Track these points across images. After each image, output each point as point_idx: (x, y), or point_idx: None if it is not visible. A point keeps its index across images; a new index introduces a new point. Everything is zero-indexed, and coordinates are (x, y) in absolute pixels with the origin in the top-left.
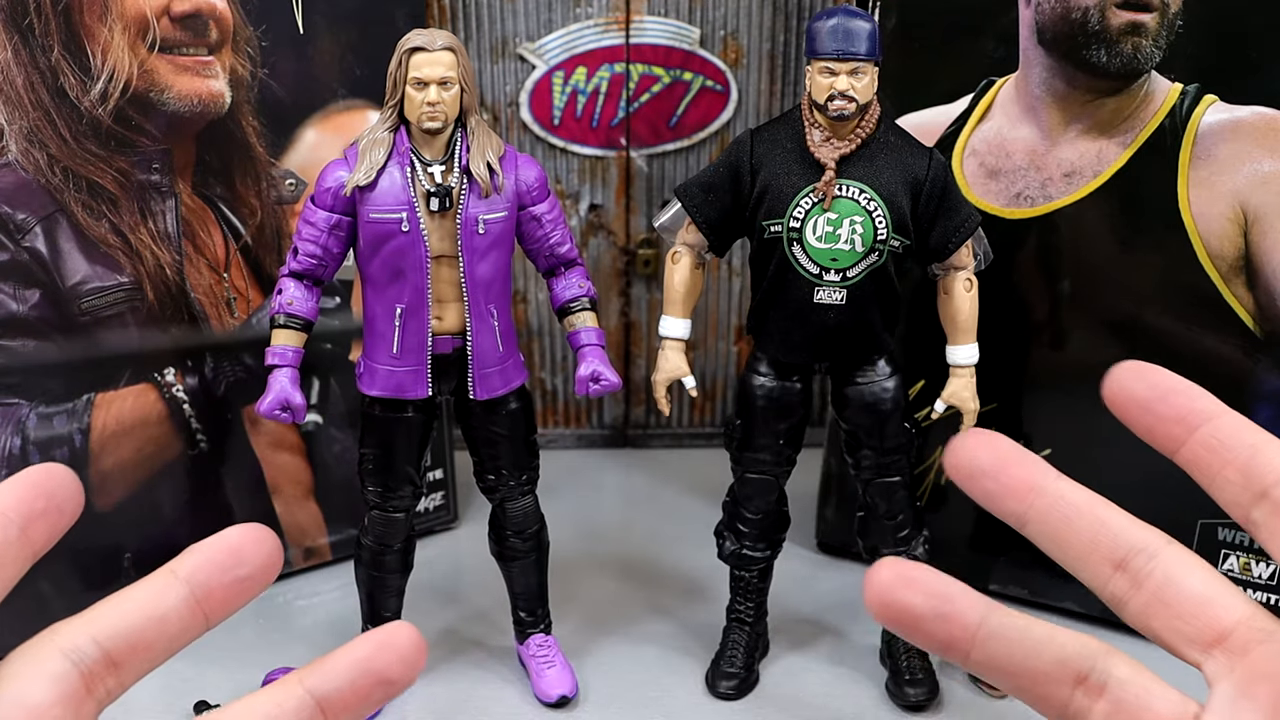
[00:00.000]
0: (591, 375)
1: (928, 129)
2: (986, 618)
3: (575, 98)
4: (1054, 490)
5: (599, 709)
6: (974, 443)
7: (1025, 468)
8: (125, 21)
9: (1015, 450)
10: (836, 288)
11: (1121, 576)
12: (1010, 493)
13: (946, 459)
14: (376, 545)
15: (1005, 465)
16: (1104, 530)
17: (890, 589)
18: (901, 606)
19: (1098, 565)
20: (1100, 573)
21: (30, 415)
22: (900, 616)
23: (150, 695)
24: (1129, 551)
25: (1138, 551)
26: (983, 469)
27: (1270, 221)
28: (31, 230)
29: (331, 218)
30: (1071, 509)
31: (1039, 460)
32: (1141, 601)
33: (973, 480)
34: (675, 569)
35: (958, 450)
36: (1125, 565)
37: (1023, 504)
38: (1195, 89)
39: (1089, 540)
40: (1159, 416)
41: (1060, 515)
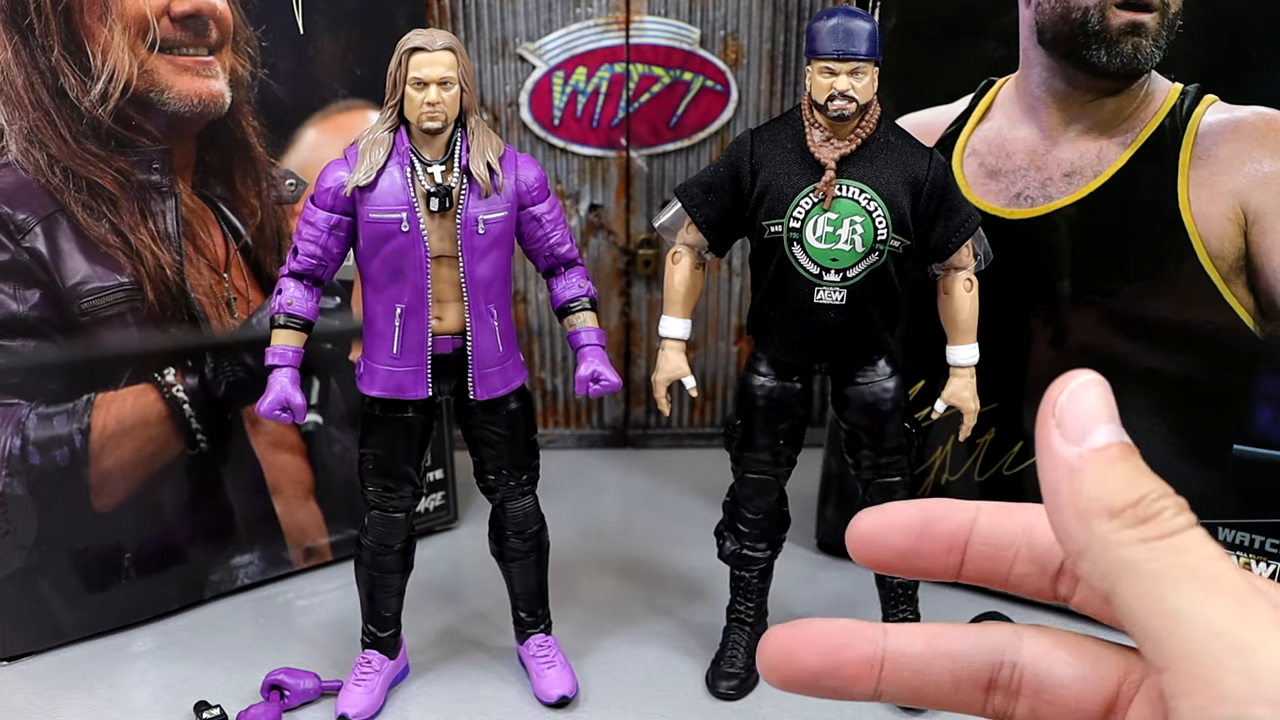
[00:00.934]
0: (592, 375)
1: (928, 129)
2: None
3: (575, 98)
4: (892, 653)
5: (599, 709)
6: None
7: (858, 646)
8: (125, 21)
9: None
10: (836, 288)
11: (997, 696)
12: (855, 679)
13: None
14: (376, 545)
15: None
16: (959, 661)
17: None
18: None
19: (968, 697)
20: (974, 702)
21: (30, 415)
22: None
23: (150, 695)
24: (990, 668)
25: (997, 664)
26: (815, 672)
27: (1270, 221)
28: (31, 230)
29: (331, 218)
30: (919, 660)
31: (861, 628)
32: (1026, 709)
33: (817, 689)
34: (675, 569)
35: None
36: (993, 683)
37: (869, 685)
38: (1195, 89)
39: (951, 678)
40: (928, 555)
41: (913, 673)
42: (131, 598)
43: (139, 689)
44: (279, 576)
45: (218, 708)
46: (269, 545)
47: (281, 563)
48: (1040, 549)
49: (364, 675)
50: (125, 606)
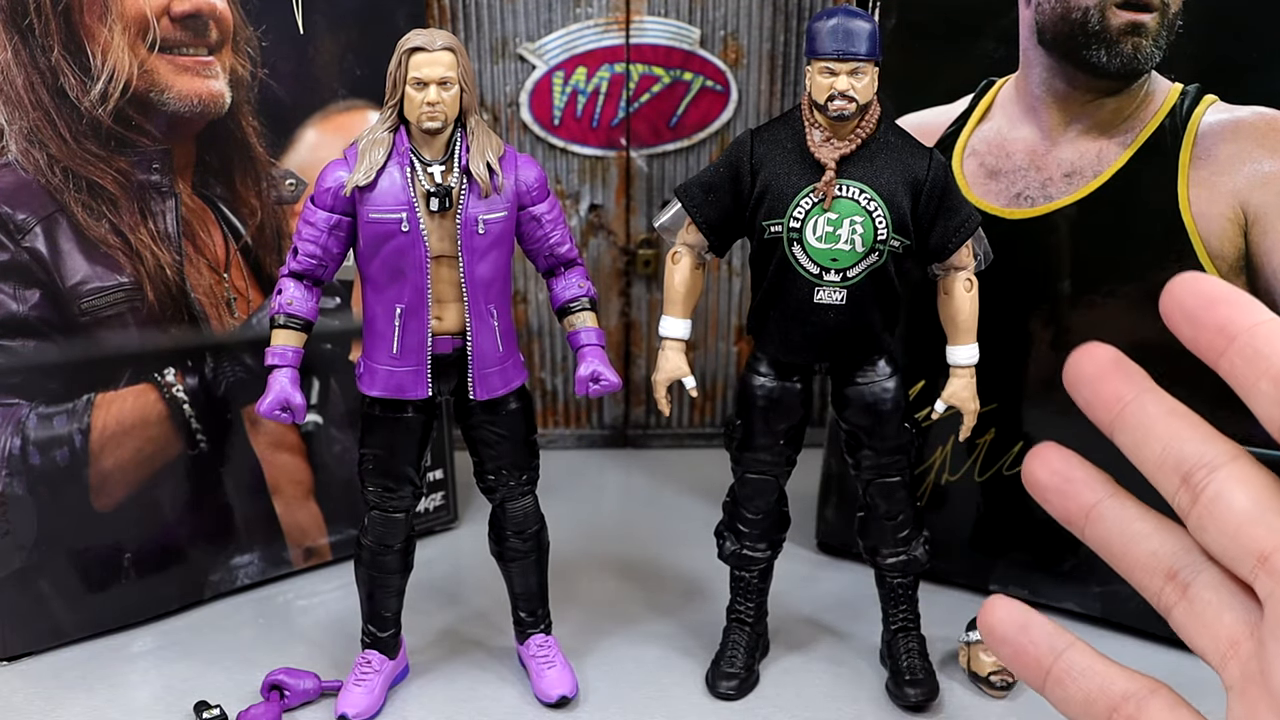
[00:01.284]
0: (591, 375)
1: (928, 129)
2: (1101, 501)
3: (575, 98)
4: (1136, 401)
5: (599, 709)
6: (1081, 354)
7: (1118, 379)
8: (125, 21)
9: (1115, 362)
10: (836, 288)
11: (1184, 490)
12: (1101, 402)
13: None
14: (376, 545)
15: (1101, 375)
16: (1174, 442)
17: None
18: (1031, 479)
19: (1166, 477)
20: (1169, 484)
21: (30, 415)
22: (1032, 488)
23: (150, 695)
24: (1193, 465)
25: (1200, 465)
26: (1084, 377)
27: (1270, 221)
28: (31, 230)
29: (331, 218)
30: (1149, 420)
31: (1134, 371)
32: (1196, 516)
33: (1075, 388)
34: (675, 569)
35: (1072, 361)
36: (1188, 479)
37: (1110, 413)
38: (1195, 89)
39: (1160, 452)
40: (1201, 326)
41: (1138, 426)
42: (131, 598)
43: (139, 689)
44: (279, 576)
45: (218, 708)
46: (269, 545)
47: (281, 563)
48: None
49: (364, 675)
50: (125, 606)
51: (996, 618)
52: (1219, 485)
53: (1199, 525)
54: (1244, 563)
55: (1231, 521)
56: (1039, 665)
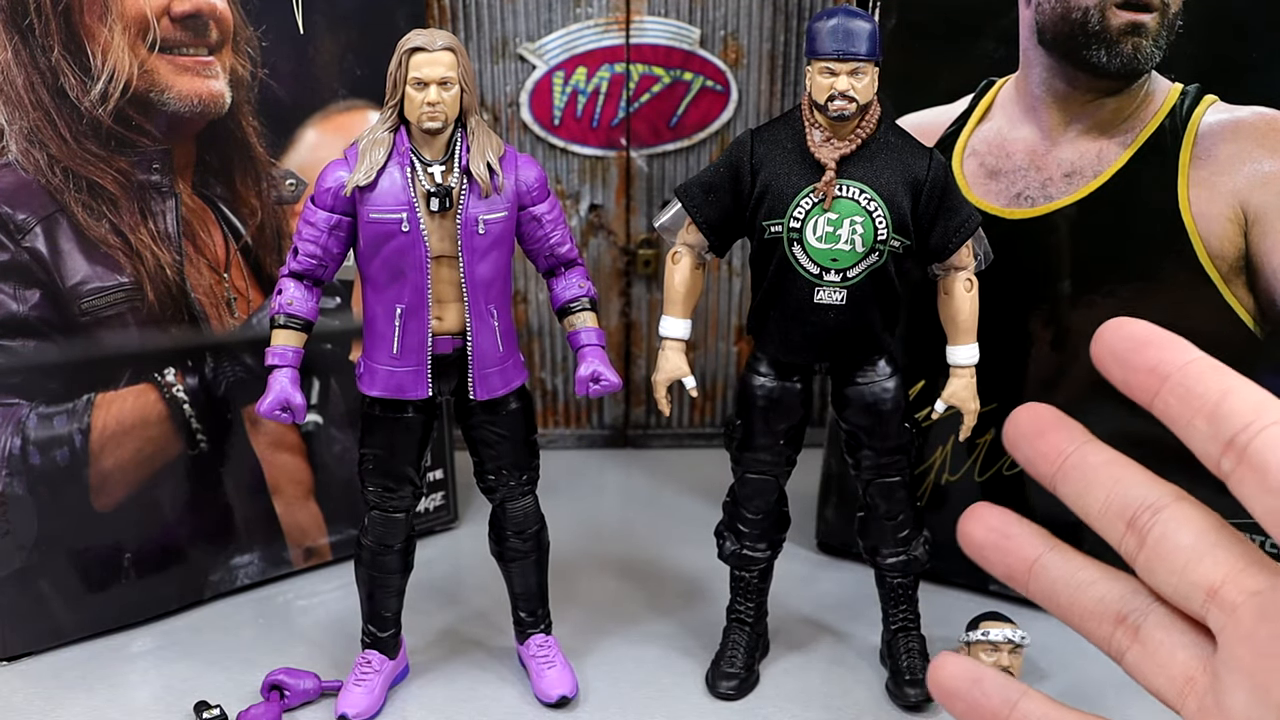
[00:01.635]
0: (592, 375)
1: (928, 129)
2: (1042, 555)
3: (575, 98)
4: (1077, 454)
5: (599, 709)
6: (1020, 413)
7: (1058, 434)
8: (125, 21)
9: (1055, 418)
10: (837, 288)
11: (1130, 534)
12: (1042, 457)
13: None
14: (376, 545)
15: (1041, 430)
16: (1116, 489)
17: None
18: (967, 539)
19: (1111, 524)
20: (1114, 531)
21: (30, 415)
22: (968, 547)
23: (150, 695)
24: (1137, 508)
25: (1144, 508)
26: (1023, 434)
27: (1270, 221)
28: (31, 230)
29: (331, 218)
30: (1090, 471)
31: (1073, 426)
32: (1144, 558)
33: (1015, 446)
34: (675, 569)
35: (1012, 419)
36: (1133, 523)
37: (1051, 467)
38: (1195, 89)
39: (1104, 500)
40: (1133, 369)
41: (1080, 477)
42: (131, 598)
43: (139, 689)
44: (279, 576)
45: (218, 708)
46: (269, 545)
47: (281, 563)
48: (1225, 412)
49: (364, 675)
50: (125, 606)
51: (946, 673)
52: (1164, 525)
53: (1147, 567)
54: (1194, 598)
55: (1179, 559)
56: (995, 718)
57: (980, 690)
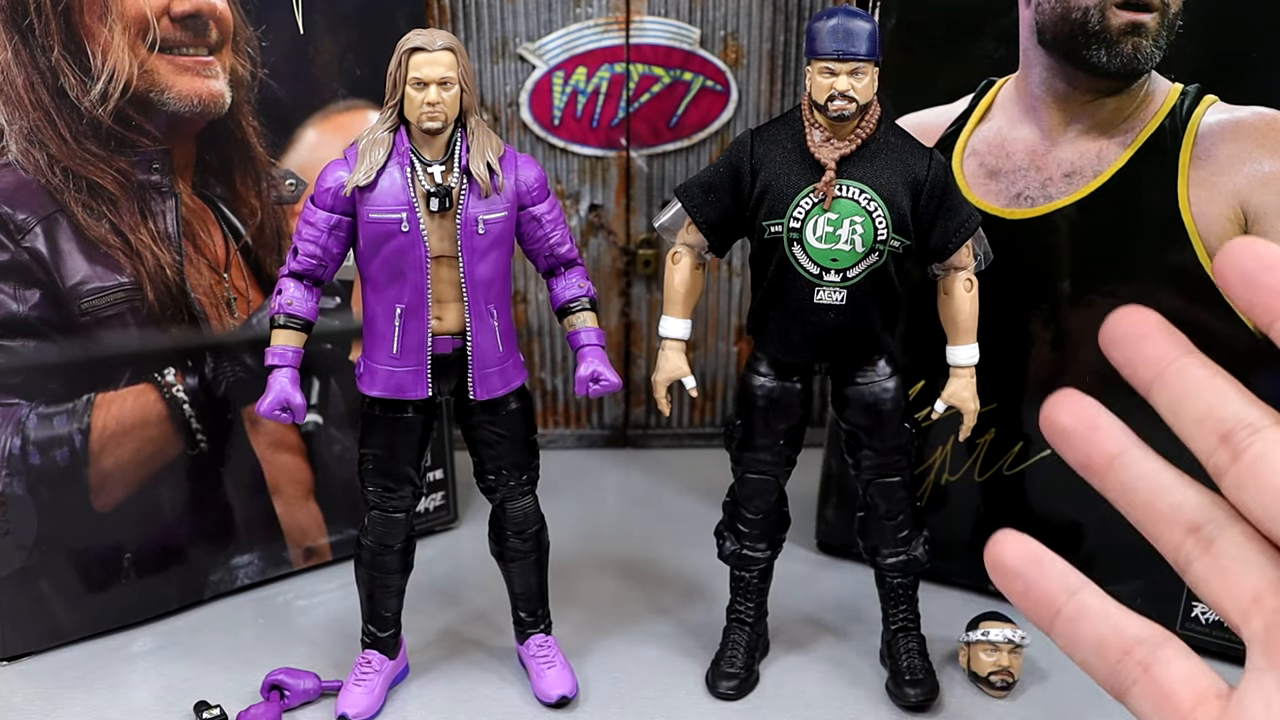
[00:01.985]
0: (591, 375)
1: (928, 129)
2: (1126, 450)
3: (575, 98)
4: (1179, 362)
5: (599, 709)
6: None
7: (1162, 339)
8: (125, 21)
9: (1160, 325)
10: (837, 288)
11: (1223, 448)
12: (1143, 360)
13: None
14: (376, 545)
15: (1145, 335)
16: (1218, 402)
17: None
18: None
19: (1205, 435)
20: (1206, 443)
21: (30, 415)
22: (1050, 431)
23: (150, 695)
24: (1235, 425)
25: (1243, 425)
26: (1125, 336)
27: (1270, 221)
28: (31, 230)
29: (331, 218)
30: (1191, 380)
31: (1178, 335)
32: (1235, 474)
33: (1114, 346)
34: (675, 569)
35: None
36: (1229, 438)
37: (1151, 372)
38: (1195, 89)
39: (1202, 411)
40: (1262, 288)
41: (1180, 385)
42: (131, 598)
43: (139, 689)
44: (279, 576)
45: (218, 708)
46: (269, 545)
47: (281, 563)
48: None
49: (364, 675)
50: (125, 606)
51: (1008, 551)
52: (1263, 446)
53: (1237, 484)
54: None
55: (1273, 480)
56: (1050, 603)
57: (1041, 572)
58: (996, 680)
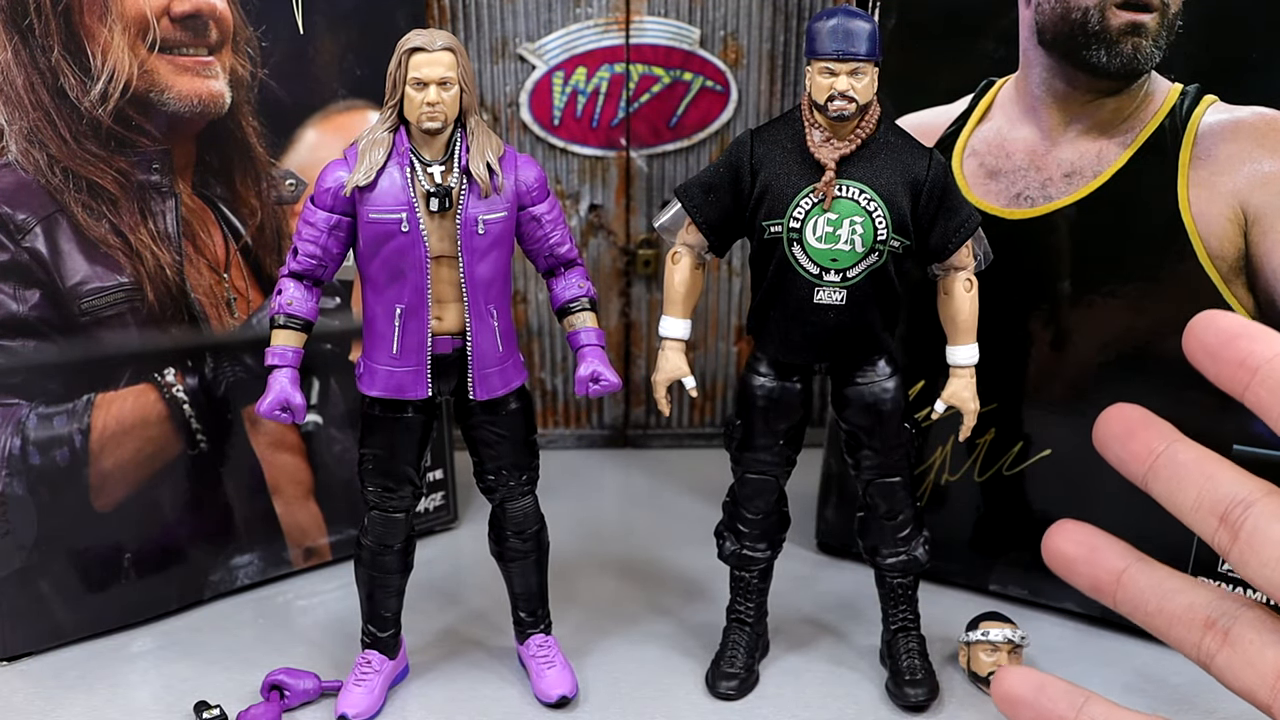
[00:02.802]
0: (591, 375)
1: (928, 129)
2: (1130, 565)
3: (575, 98)
4: (1168, 453)
5: (599, 709)
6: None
7: (1148, 433)
8: (125, 22)
9: (1144, 419)
10: (836, 288)
11: (1223, 528)
12: (1133, 457)
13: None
14: (376, 545)
15: (1131, 431)
16: (1208, 485)
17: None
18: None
19: (1204, 519)
20: (1207, 526)
21: (30, 415)
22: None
23: (150, 695)
24: (1229, 503)
25: (1236, 503)
26: (1115, 435)
27: (1270, 221)
28: (31, 230)
29: (331, 218)
30: (1181, 468)
31: (1162, 425)
32: (1237, 551)
33: (1107, 447)
34: (675, 569)
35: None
36: (1226, 517)
37: (1143, 466)
38: (1195, 89)
39: (1196, 496)
40: (1224, 361)
41: (1171, 475)
42: (131, 598)
43: (139, 689)
44: (279, 576)
45: (218, 708)
46: (269, 545)
47: (281, 563)
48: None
49: (364, 675)
50: (125, 606)
51: (1010, 683)
52: (1256, 519)
53: (1241, 560)
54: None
55: (1273, 551)
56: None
57: (1046, 696)
58: None
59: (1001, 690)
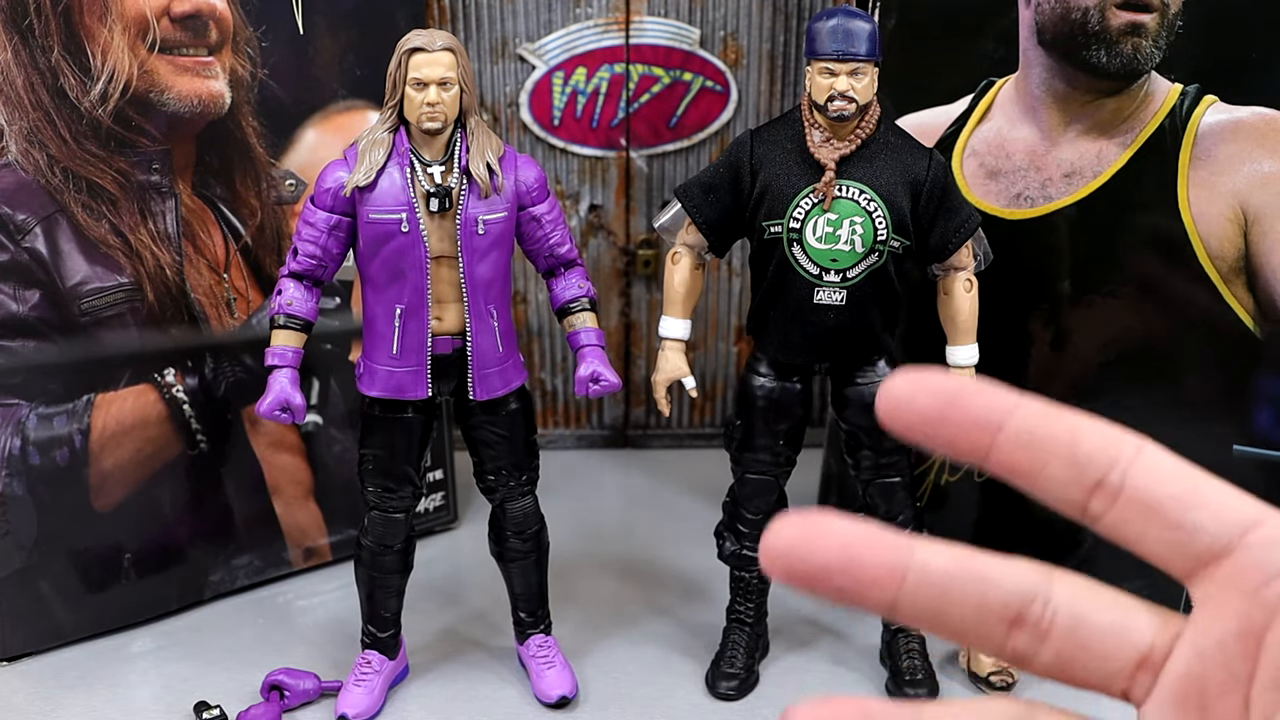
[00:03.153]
0: (591, 376)
1: (928, 129)
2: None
3: (575, 98)
4: (917, 565)
5: (599, 709)
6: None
7: (877, 551)
8: (125, 22)
9: (856, 528)
10: (836, 288)
11: (1019, 633)
12: (872, 584)
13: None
14: (376, 545)
15: (854, 553)
16: (987, 588)
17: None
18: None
19: (991, 630)
20: (994, 636)
21: (30, 415)
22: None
23: (150, 695)
24: (1021, 601)
25: (1030, 600)
26: (829, 564)
27: (1270, 221)
28: (31, 230)
29: (331, 218)
30: (944, 579)
31: (884, 530)
32: (1051, 652)
33: (823, 585)
34: (675, 569)
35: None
36: (1021, 620)
37: (887, 593)
38: (1195, 89)
39: (976, 606)
40: (957, 425)
41: (933, 591)
42: (131, 598)
43: (139, 689)
44: (279, 577)
45: (218, 708)
46: (269, 545)
47: (281, 563)
48: (1083, 457)
49: (364, 675)
50: (125, 606)
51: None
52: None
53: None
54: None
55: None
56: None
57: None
58: (996, 680)
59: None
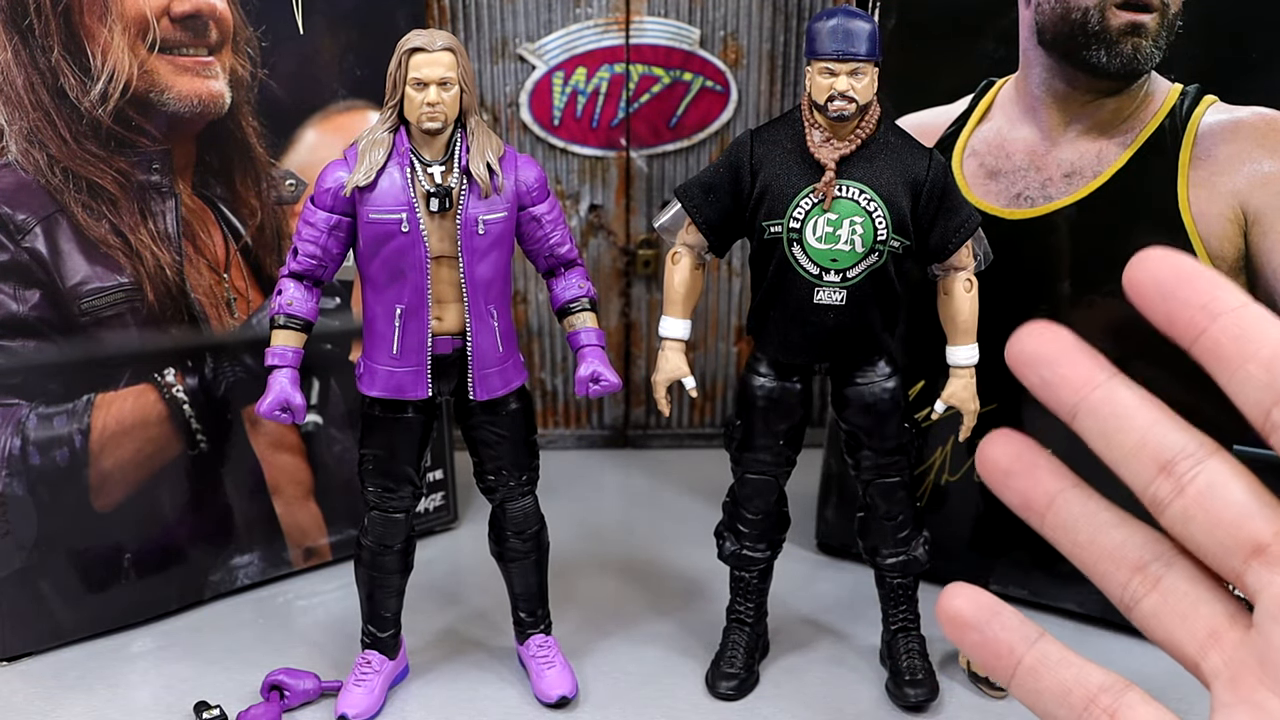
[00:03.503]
0: (591, 376)
1: (928, 129)
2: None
3: (575, 98)
4: (1108, 386)
5: (599, 709)
6: (1033, 333)
7: (1086, 361)
8: (125, 22)
9: (1077, 344)
10: (836, 288)
11: (1164, 479)
12: (1065, 383)
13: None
14: (376, 546)
15: (1065, 355)
16: (1154, 430)
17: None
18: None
19: (1143, 465)
20: (1144, 474)
21: (30, 415)
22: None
23: (150, 695)
24: (1176, 455)
25: (1184, 455)
26: (1040, 357)
27: (1270, 221)
28: (31, 230)
29: (331, 218)
30: (1123, 407)
31: (1098, 356)
32: (1181, 506)
33: (1029, 368)
34: (675, 569)
35: (1019, 339)
36: (1170, 468)
37: (1076, 396)
38: (1195, 89)
39: (1138, 440)
40: (1180, 302)
41: (1110, 413)
42: (131, 598)
43: (139, 689)
44: (279, 577)
45: (218, 708)
46: (269, 545)
47: (281, 563)
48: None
49: (364, 675)
50: (125, 606)
51: (960, 603)
52: (1211, 475)
53: (1184, 516)
54: (1235, 554)
55: (1227, 512)
56: (1011, 654)
57: (1000, 624)
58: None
59: (950, 610)
